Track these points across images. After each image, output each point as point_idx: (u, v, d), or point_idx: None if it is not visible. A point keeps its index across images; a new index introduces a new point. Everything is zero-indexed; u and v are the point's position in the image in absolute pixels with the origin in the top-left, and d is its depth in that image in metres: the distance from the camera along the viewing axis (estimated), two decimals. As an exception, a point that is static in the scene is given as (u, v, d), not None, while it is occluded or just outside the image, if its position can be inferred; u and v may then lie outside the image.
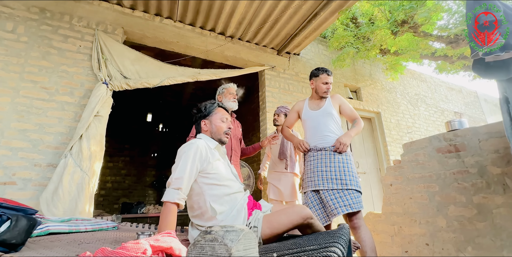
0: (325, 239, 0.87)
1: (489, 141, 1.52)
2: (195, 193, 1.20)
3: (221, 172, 1.25)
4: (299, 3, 2.98)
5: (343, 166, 1.66)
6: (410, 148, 1.96)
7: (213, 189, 1.19)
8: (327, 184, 1.64)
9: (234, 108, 2.25)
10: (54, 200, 1.97)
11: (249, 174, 3.28)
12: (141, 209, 3.63)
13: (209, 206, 1.15)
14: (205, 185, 1.19)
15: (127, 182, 5.99)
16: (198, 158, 1.18)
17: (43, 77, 2.35)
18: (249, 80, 4.88)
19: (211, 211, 1.15)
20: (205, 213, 1.16)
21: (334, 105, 1.93)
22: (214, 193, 1.19)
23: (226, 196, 1.21)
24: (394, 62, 4.25)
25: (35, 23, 2.45)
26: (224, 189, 1.22)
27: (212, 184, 1.20)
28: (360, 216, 1.57)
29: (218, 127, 1.34)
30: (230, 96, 2.26)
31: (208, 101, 1.42)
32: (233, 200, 1.24)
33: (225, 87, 2.32)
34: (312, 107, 1.98)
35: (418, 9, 3.37)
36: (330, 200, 1.59)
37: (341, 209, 1.54)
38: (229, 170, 1.34)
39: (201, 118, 1.37)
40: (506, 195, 1.40)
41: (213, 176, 1.21)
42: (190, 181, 1.15)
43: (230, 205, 1.20)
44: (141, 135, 6.49)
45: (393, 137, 4.50)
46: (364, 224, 1.55)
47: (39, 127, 2.22)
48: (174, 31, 3.20)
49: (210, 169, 1.21)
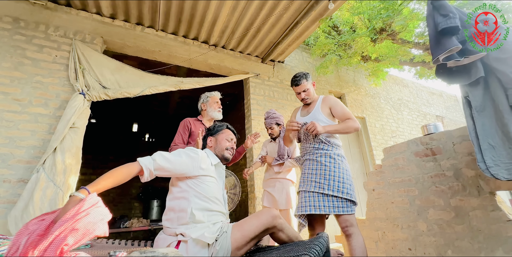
0: (296, 250, 0.84)
1: (463, 144, 1.55)
2: (181, 195, 1.21)
3: (213, 188, 1.28)
4: (280, 11, 3.04)
5: (327, 170, 1.63)
6: (390, 153, 1.98)
7: (201, 198, 1.21)
8: (306, 186, 1.63)
9: (219, 118, 2.24)
10: (24, 218, 1.86)
11: (235, 183, 3.22)
12: (124, 223, 3.48)
13: (189, 211, 1.15)
14: (194, 191, 1.21)
15: (111, 195, 5.77)
16: (192, 160, 1.23)
17: (15, 88, 2.27)
18: (236, 88, 4.89)
19: (189, 216, 1.15)
20: (182, 217, 1.16)
21: (323, 108, 1.78)
22: (200, 203, 1.20)
23: (211, 211, 1.22)
24: (376, 69, 4.37)
25: (8, 33, 2.38)
26: (211, 204, 1.23)
27: (200, 193, 1.22)
28: (351, 224, 1.51)
29: (222, 143, 1.44)
30: (216, 106, 2.23)
31: (218, 122, 1.57)
32: (215, 219, 1.24)
33: (210, 95, 2.29)
34: (303, 113, 1.91)
35: (394, 18, 3.51)
36: (300, 198, 1.61)
37: (304, 208, 1.54)
38: (221, 192, 1.36)
39: (209, 135, 1.49)
40: (480, 197, 1.41)
41: (204, 187, 1.24)
42: (169, 168, 1.17)
43: (209, 220, 1.20)
44: (126, 146, 6.33)
45: (378, 142, 4.57)
46: (356, 232, 1.49)
47: (9, 140, 2.12)
48: (156, 40, 3.18)
49: (204, 179, 1.25)
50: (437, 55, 1.08)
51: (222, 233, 1.12)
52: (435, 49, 1.09)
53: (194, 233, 1.09)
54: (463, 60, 1.05)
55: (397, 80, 5.89)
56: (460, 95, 1.18)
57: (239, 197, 3.20)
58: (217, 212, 1.25)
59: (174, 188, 1.26)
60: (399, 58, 4.07)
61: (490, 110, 1.03)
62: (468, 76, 1.10)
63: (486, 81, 1.08)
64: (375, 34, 3.71)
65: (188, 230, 1.11)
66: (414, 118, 5.57)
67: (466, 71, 1.10)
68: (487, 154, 0.98)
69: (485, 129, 1.01)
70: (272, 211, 1.18)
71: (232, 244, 1.08)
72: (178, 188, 1.24)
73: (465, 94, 1.10)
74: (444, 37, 1.07)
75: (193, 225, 1.13)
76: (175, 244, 1.11)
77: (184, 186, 1.23)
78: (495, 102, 1.02)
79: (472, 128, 1.04)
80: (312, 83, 1.87)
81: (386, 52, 3.96)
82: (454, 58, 1.05)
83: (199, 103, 2.29)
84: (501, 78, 1.01)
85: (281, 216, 1.22)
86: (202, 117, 2.27)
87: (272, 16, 3.09)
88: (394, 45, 3.97)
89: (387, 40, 3.85)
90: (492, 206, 1.37)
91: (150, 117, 6.31)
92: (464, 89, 1.12)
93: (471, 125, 1.05)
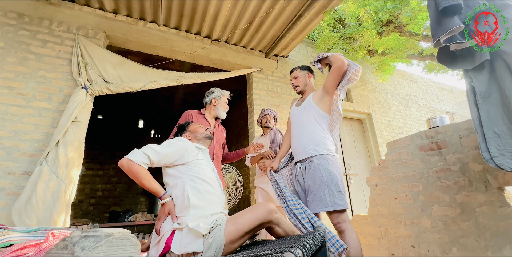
0: (288, 243, 0.82)
1: (470, 137, 1.48)
2: (175, 182, 1.23)
3: (205, 169, 1.29)
4: (283, 4, 2.97)
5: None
6: (394, 147, 1.92)
7: (195, 181, 1.22)
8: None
9: (223, 117, 2.26)
10: (27, 209, 1.89)
11: (238, 179, 3.21)
12: (128, 217, 3.53)
13: (186, 196, 1.16)
14: (187, 175, 1.23)
15: (118, 190, 5.87)
16: (182, 148, 1.27)
17: (19, 83, 2.30)
18: (240, 84, 4.86)
19: (186, 201, 1.15)
20: (179, 203, 1.17)
21: (315, 96, 1.71)
22: (195, 185, 1.21)
23: (207, 193, 1.22)
24: (382, 63, 4.25)
25: (13, 28, 2.42)
26: (206, 185, 1.24)
27: (195, 176, 1.23)
28: (342, 220, 1.48)
29: (199, 131, 1.56)
30: (225, 105, 2.25)
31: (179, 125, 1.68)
32: (212, 201, 1.23)
33: (223, 93, 2.27)
34: (298, 103, 1.89)
35: (402, 9, 3.38)
36: None
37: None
38: (214, 174, 1.37)
39: (181, 135, 1.56)
40: (488, 193, 1.35)
41: (197, 169, 1.25)
42: (161, 160, 1.21)
43: (207, 204, 1.19)
44: (133, 142, 6.41)
45: (385, 138, 4.46)
46: (348, 227, 1.46)
47: (14, 134, 2.16)
48: (158, 35, 3.18)
49: (195, 163, 1.27)
50: (437, 37, 1.01)
51: (216, 226, 1.10)
52: (436, 30, 1.02)
53: (191, 222, 1.08)
54: (466, 42, 0.99)
55: (405, 75, 5.73)
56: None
57: (241, 193, 3.20)
58: (213, 196, 1.24)
59: (167, 179, 1.28)
60: (406, 51, 3.94)
61: (496, 96, 0.96)
62: (472, 60, 1.03)
63: (491, 65, 1.01)
64: (382, 26, 3.59)
65: (186, 217, 1.10)
66: (423, 114, 5.42)
67: (470, 54, 1.03)
68: (492, 143, 0.92)
69: (490, 116, 0.94)
70: (268, 205, 1.16)
71: (226, 237, 1.06)
72: (171, 177, 1.26)
73: (469, 79, 1.04)
74: (445, 17, 1.01)
75: (192, 212, 1.12)
76: (169, 233, 1.10)
77: (176, 173, 1.24)
78: (502, 88, 0.95)
79: (476, 115, 0.97)
80: (308, 74, 1.89)
81: (393, 45, 3.84)
82: (456, 39, 0.99)
83: (210, 96, 2.22)
84: (508, 61, 0.94)
85: (278, 210, 1.19)
86: (205, 111, 2.23)
87: (274, 9, 3.03)
88: (401, 38, 3.84)
89: (394, 33, 3.72)
90: (500, 202, 1.30)
91: (155, 113, 6.36)
92: (468, 75, 1.05)
93: (475, 113, 0.98)
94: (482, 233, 1.34)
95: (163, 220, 1.15)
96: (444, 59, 1.14)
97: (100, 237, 0.35)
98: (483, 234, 1.33)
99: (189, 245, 1.04)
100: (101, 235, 0.35)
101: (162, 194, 1.18)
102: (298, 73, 1.88)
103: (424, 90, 5.85)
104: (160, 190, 1.18)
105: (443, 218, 1.53)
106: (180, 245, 1.04)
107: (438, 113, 5.72)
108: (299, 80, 1.86)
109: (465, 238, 1.40)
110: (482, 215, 1.35)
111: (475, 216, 1.38)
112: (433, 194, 1.60)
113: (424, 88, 5.91)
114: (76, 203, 1.96)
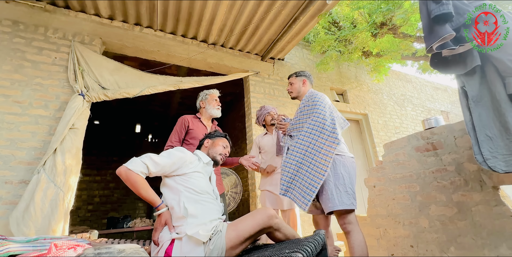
0: (289, 248, 0.83)
1: (464, 138, 1.51)
2: (171, 192, 1.24)
3: (200, 181, 1.29)
4: (278, 7, 3.00)
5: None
6: (391, 148, 1.94)
7: (190, 192, 1.23)
8: None
9: (218, 115, 2.20)
10: (25, 218, 1.88)
11: (236, 182, 3.21)
12: (127, 223, 3.51)
13: (182, 206, 1.17)
14: (183, 187, 1.24)
15: (116, 196, 5.83)
16: (180, 160, 1.27)
17: (15, 91, 2.29)
18: (237, 87, 4.87)
19: (183, 211, 1.16)
20: (176, 214, 1.18)
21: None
22: (190, 196, 1.22)
23: (203, 202, 1.24)
24: (377, 64, 4.30)
25: (8, 36, 2.41)
26: (201, 196, 1.25)
27: (190, 188, 1.24)
28: (349, 221, 1.47)
29: (217, 148, 1.53)
30: (215, 103, 2.21)
31: (218, 132, 1.68)
32: (209, 209, 1.24)
33: (208, 92, 2.27)
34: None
35: (395, 11, 3.44)
36: None
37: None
38: (210, 187, 1.37)
39: (207, 138, 1.58)
40: (483, 192, 1.37)
41: (193, 182, 1.26)
42: (159, 171, 1.23)
43: (204, 212, 1.20)
44: (130, 147, 6.38)
45: (382, 138, 4.51)
46: (355, 229, 1.45)
47: (10, 142, 2.14)
48: (154, 40, 3.19)
49: (191, 175, 1.28)
50: (430, 44, 1.04)
51: (216, 232, 1.11)
52: (428, 37, 1.05)
53: (190, 230, 1.08)
54: (458, 48, 1.02)
55: (400, 75, 5.80)
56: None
57: (240, 196, 3.20)
58: (209, 205, 1.25)
59: (163, 188, 1.29)
60: (401, 52, 4.00)
61: (487, 100, 0.99)
62: (464, 65, 1.06)
63: (482, 70, 1.04)
64: (376, 28, 3.64)
65: (183, 226, 1.11)
66: (418, 114, 5.48)
67: (461, 60, 1.06)
68: (484, 146, 0.94)
69: (482, 119, 0.97)
70: (268, 210, 1.16)
71: (227, 244, 1.06)
72: (167, 187, 1.27)
73: (462, 84, 1.06)
74: (437, 25, 1.04)
75: (190, 221, 1.12)
76: (168, 243, 1.10)
77: (173, 183, 1.25)
78: (492, 92, 0.98)
79: (468, 119, 1.00)
80: (303, 81, 1.93)
81: (387, 46, 3.89)
82: (448, 46, 1.02)
83: (198, 101, 2.27)
84: (498, 66, 0.97)
85: (280, 216, 1.19)
86: (200, 114, 2.25)
87: (270, 13, 3.06)
88: (395, 40, 3.89)
89: (388, 35, 3.78)
90: (495, 201, 1.32)
91: (152, 118, 6.34)
92: (460, 79, 1.08)
93: (468, 116, 1.01)
94: (478, 231, 1.36)
95: (160, 230, 1.16)
96: (437, 64, 1.17)
97: (112, 253, 0.36)
98: (479, 232, 1.36)
99: (189, 253, 1.04)
100: (114, 251, 0.36)
101: (159, 204, 1.18)
102: (294, 80, 1.93)
103: (419, 90, 5.93)
104: (157, 200, 1.18)
105: (441, 218, 1.55)
106: (181, 254, 1.04)
107: (433, 112, 5.79)
108: (294, 87, 1.92)
109: (462, 237, 1.42)
110: (478, 214, 1.38)
111: (472, 215, 1.41)
112: (430, 194, 1.63)
113: (419, 87, 5.99)
114: (73, 209, 1.94)
